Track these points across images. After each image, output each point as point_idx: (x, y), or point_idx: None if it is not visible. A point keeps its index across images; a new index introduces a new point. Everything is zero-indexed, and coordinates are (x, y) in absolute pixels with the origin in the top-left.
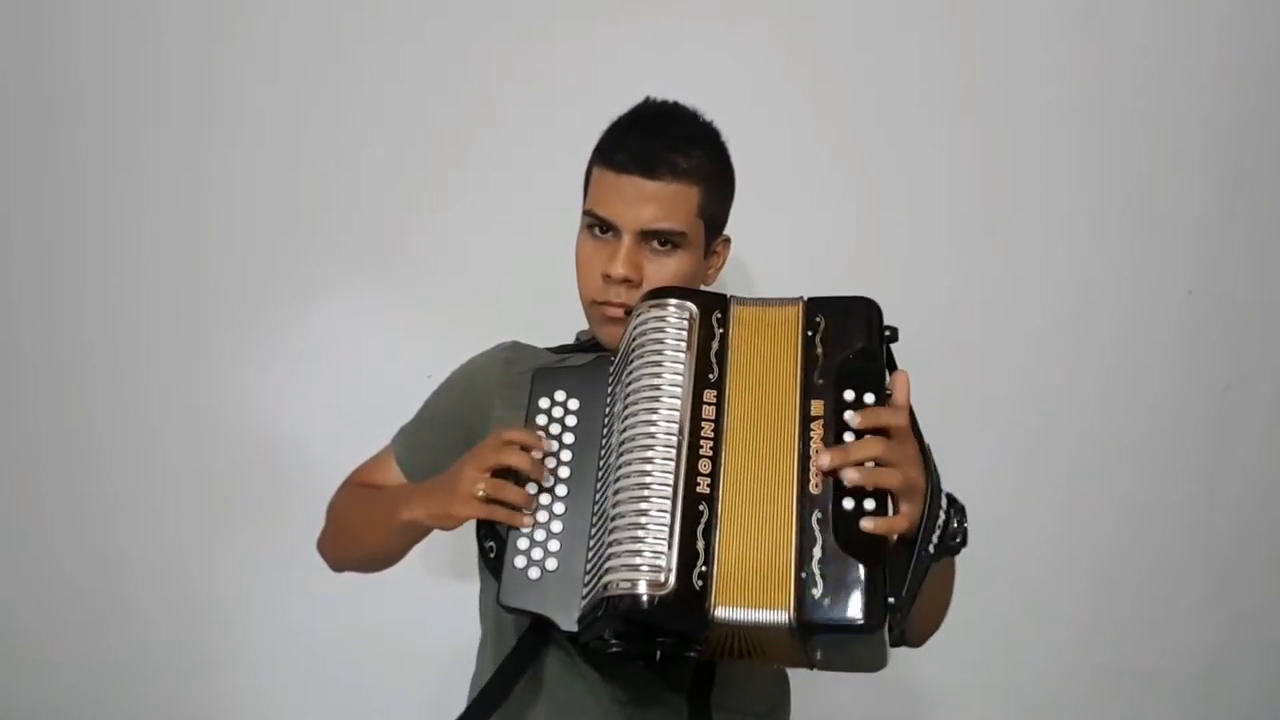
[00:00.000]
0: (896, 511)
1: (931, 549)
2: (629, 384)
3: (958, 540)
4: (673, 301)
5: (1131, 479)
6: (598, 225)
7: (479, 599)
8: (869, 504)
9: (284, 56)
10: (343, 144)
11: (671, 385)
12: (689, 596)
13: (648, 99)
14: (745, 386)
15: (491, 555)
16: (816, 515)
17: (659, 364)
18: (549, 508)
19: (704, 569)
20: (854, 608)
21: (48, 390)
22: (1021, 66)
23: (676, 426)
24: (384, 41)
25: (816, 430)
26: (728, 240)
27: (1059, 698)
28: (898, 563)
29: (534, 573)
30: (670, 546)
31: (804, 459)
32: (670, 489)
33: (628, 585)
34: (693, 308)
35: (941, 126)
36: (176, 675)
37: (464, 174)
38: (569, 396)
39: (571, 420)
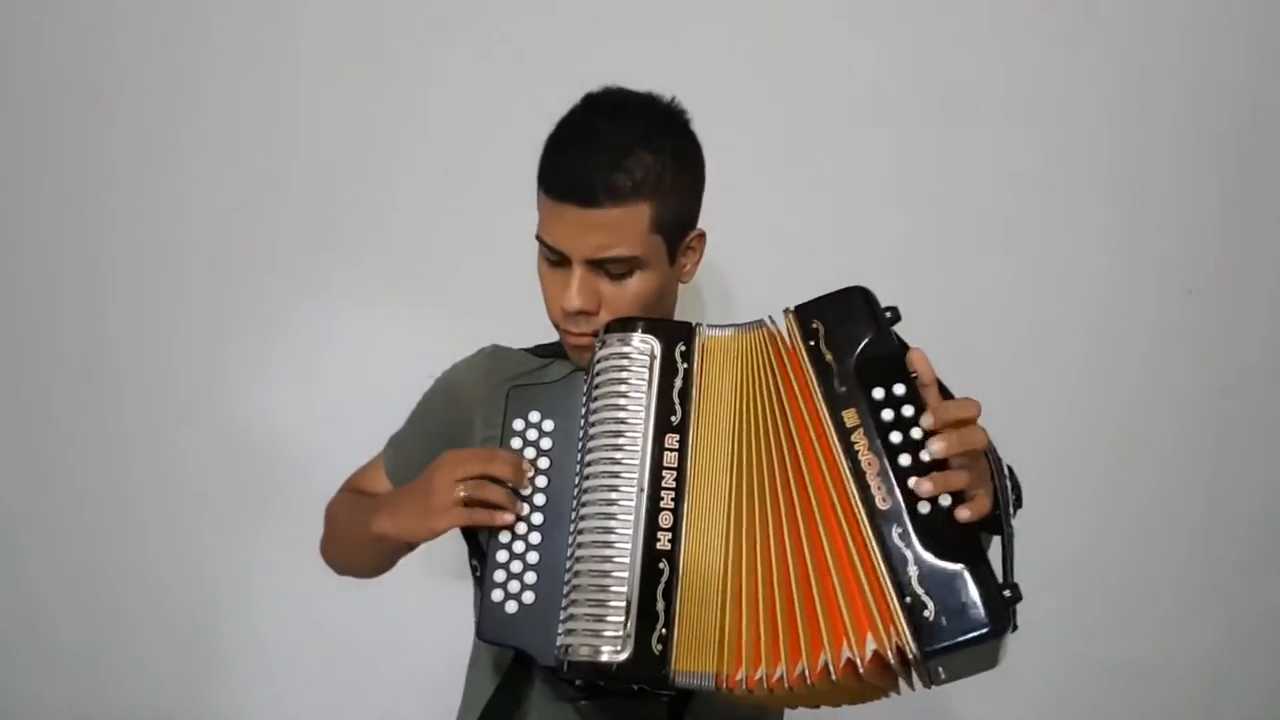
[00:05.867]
0: (973, 496)
1: (1013, 517)
2: (592, 423)
3: (1020, 496)
4: (635, 337)
5: (1131, 479)
6: (549, 252)
7: (473, 606)
8: (945, 500)
9: (284, 61)
10: (344, 145)
11: (631, 433)
12: (648, 661)
13: (588, 96)
14: (742, 423)
15: (477, 574)
16: (896, 530)
17: (620, 407)
18: (525, 537)
19: (664, 632)
20: (977, 616)
21: (55, 392)
22: (1020, 65)
23: (635, 479)
24: (384, 45)
25: (860, 440)
26: (702, 234)
27: (1059, 698)
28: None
29: (511, 606)
30: (629, 610)
31: (858, 475)
32: (629, 548)
33: (588, 652)
34: (654, 344)
35: (939, 126)
36: (181, 674)
37: (465, 175)
38: (544, 417)
39: (546, 443)
